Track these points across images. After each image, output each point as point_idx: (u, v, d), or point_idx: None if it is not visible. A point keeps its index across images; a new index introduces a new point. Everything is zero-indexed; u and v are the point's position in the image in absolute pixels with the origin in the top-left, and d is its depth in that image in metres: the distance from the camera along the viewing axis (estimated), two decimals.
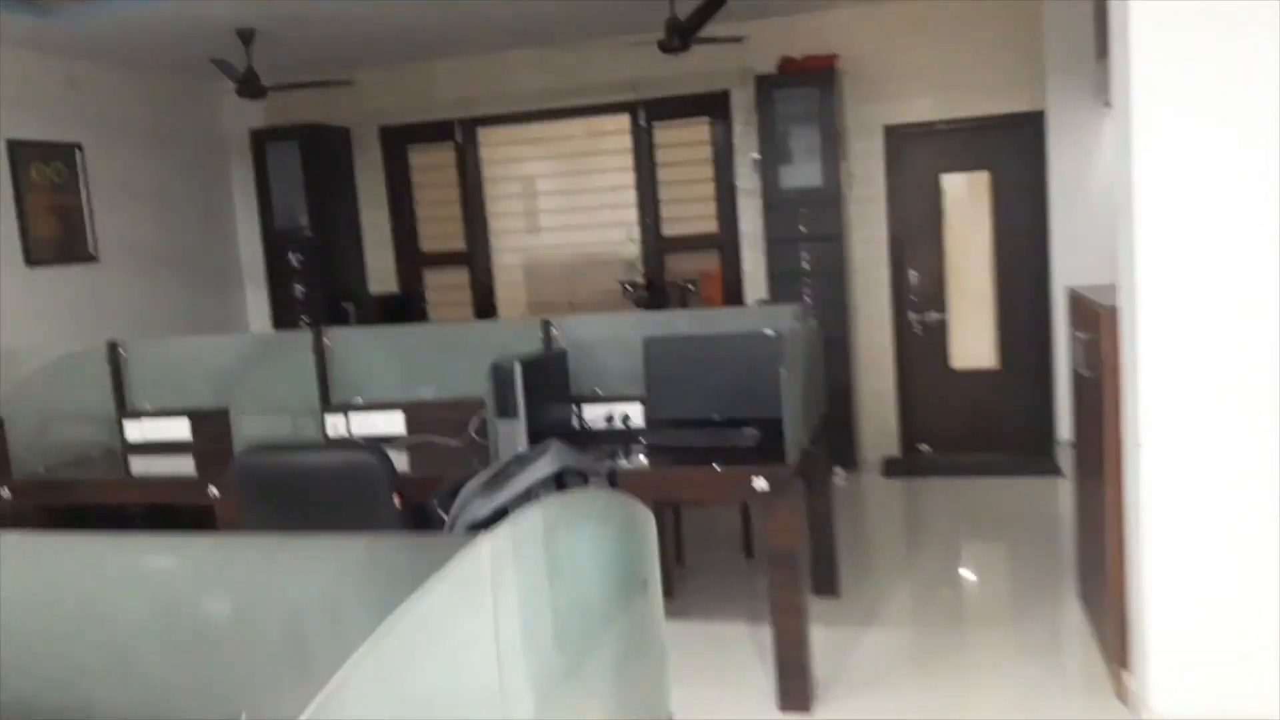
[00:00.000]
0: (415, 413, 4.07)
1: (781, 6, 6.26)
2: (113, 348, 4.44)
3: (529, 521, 1.54)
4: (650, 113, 6.98)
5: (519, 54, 7.03)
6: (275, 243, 7.19)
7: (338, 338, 4.28)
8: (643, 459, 3.51)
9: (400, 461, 3.93)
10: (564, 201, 7.47)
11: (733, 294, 6.91)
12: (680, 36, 5.21)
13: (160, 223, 6.76)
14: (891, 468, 6.50)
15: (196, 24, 5.53)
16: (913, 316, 6.63)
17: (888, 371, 6.68)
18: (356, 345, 4.27)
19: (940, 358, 6.63)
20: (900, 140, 6.51)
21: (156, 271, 6.70)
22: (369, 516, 3.00)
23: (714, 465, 3.23)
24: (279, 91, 6.16)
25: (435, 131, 7.37)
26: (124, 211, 6.43)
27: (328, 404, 4.22)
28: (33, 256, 5.71)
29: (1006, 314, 6.46)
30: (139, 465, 4.25)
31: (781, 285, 6.34)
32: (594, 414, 3.86)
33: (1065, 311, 4.00)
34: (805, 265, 6.26)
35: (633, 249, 7.16)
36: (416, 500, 3.35)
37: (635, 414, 3.81)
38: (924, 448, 6.69)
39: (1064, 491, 5.34)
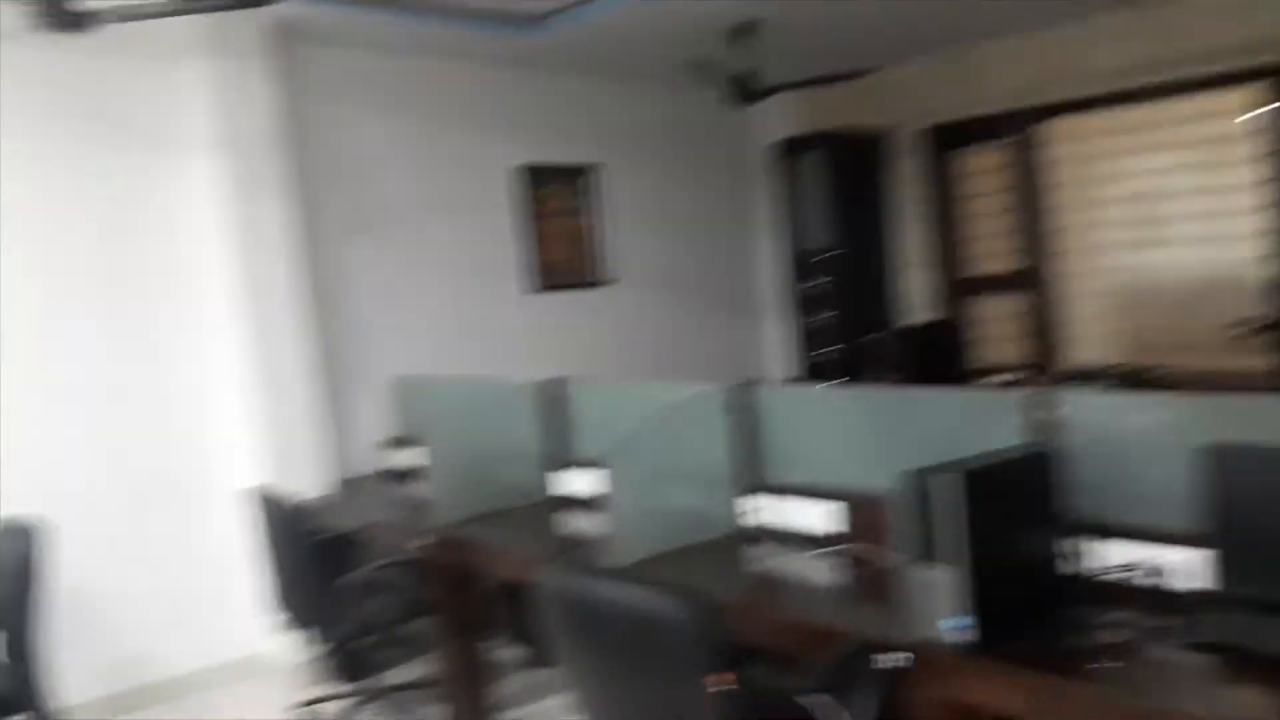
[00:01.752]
0: (860, 509, 2.91)
1: None
2: (557, 384, 3.97)
3: None
4: None
5: (1100, 20, 5.41)
6: (798, 264, 6.44)
7: (771, 396, 3.29)
8: (1194, 656, 1.96)
9: (819, 572, 2.84)
10: (1162, 209, 5.64)
11: None
12: None
13: (682, 244, 6.37)
14: None
15: (694, 23, 4.93)
16: None
17: None
18: (791, 407, 3.24)
19: None
20: None
21: (675, 296, 6.32)
22: (673, 686, 1.98)
23: None
24: (782, 92, 5.38)
25: (988, 128, 6.02)
26: (641, 233, 6.13)
27: (754, 479, 3.26)
28: (543, 281, 5.59)
29: None
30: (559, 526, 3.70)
31: None
32: (1106, 557, 2.36)
33: None
34: None
35: (1269, 270, 5.13)
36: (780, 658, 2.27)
37: (1186, 566, 2.22)
38: None
39: None
